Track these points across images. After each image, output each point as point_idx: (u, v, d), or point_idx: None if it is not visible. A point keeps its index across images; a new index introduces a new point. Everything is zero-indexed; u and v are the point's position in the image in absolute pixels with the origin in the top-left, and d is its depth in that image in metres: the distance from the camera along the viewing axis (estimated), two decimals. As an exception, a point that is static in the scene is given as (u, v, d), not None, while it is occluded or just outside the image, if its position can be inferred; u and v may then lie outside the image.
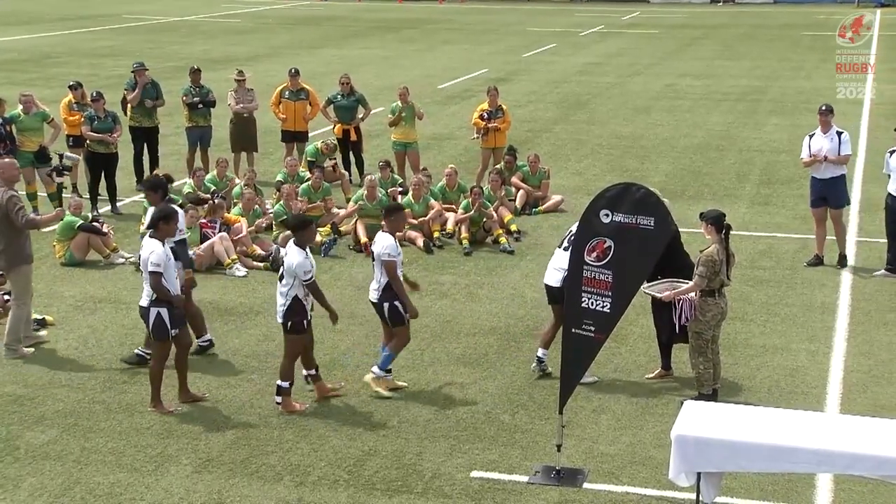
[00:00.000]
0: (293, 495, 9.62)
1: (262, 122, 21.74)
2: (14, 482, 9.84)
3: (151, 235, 11.08)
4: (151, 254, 10.88)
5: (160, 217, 11.17)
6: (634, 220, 9.43)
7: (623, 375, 12.17)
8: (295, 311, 11.12)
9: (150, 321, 11.03)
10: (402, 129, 20.11)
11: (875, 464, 8.24)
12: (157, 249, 10.90)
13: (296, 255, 11.07)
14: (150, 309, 11.00)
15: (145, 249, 10.99)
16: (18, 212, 12.39)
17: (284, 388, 11.27)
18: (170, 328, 11.04)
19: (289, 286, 11.09)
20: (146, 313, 11.06)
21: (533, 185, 19.32)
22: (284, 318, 11.18)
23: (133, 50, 40.27)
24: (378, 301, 11.60)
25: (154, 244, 10.95)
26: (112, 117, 18.86)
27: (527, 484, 9.82)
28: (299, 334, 11.21)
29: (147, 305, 11.03)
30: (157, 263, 10.84)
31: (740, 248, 15.45)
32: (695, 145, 24.63)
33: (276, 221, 17.14)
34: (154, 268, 10.84)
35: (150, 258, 10.86)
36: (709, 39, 46.99)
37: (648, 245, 9.51)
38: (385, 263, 11.39)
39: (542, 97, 31.44)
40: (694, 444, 8.63)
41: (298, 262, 11.00)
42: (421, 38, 47.29)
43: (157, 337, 11.10)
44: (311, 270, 11.09)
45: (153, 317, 10.99)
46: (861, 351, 12.93)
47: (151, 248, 10.92)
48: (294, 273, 11.01)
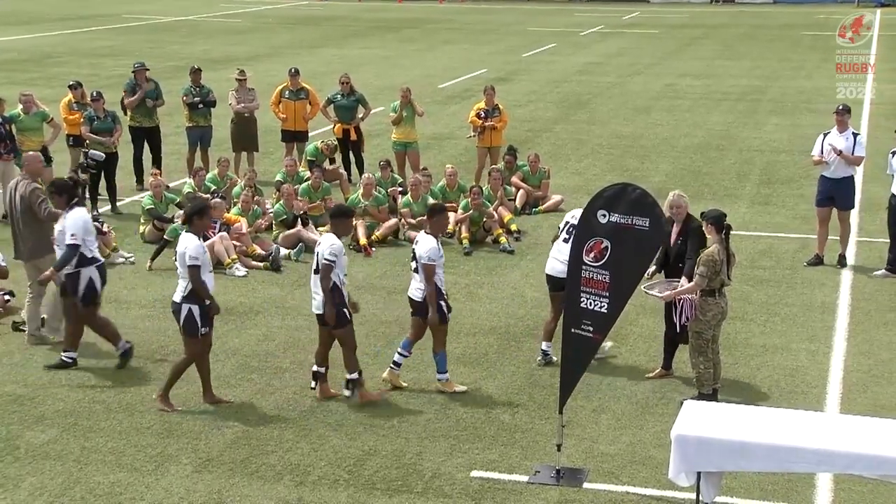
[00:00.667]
0: (293, 495, 9.62)
1: (263, 121, 21.74)
2: (14, 482, 9.84)
3: (187, 231, 11.12)
4: (188, 248, 10.88)
5: (194, 212, 11.20)
6: (630, 221, 9.44)
7: (623, 375, 12.17)
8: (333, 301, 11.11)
9: (182, 317, 11.02)
10: (403, 128, 20.11)
11: (875, 463, 8.24)
12: (195, 244, 10.93)
13: (329, 239, 11.13)
14: (182, 305, 10.99)
15: (181, 244, 11.01)
16: (41, 204, 12.63)
17: (355, 379, 11.32)
18: (200, 325, 11.02)
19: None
20: (178, 309, 11.05)
21: (533, 184, 19.32)
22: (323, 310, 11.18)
23: (133, 50, 40.28)
24: (421, 301, 11.59)
25: (191, 239, 10.97)
26: (112, 117, 18.87)
27: (527, 483, 9.82)
28: (344, 325, 11.21)
29: (179, 301, 11.03)
30: (195, 257, 10.86)
31: (740, 247, 15.45)
32: (695, 145, 24.63)
33: (276, 221, 17.14)
34: (192, 262, 10.85)
35: (188, 252, 10.86)
36: (709, 39, 46.99)
37: (643, 246, 9.52)
38: (425, 267, 11.38)
39: (542, 97, 31.44)
40: (694, 444, 8.63)
41: (333, 244, 11.01)
42: (421, 37, 47.29)
43: (188, 333, 11.09)
44: (336, 254, 11.03)
45: (184, 312, 10.99)
46: (861, 350, 12.93)
47: (188, 243, 10.94)
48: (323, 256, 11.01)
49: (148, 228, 17.17)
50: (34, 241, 12.86)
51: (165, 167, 20.37)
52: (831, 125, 16.35)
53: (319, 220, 17.50)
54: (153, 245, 16.50)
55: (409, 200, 17.44)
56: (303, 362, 12.51)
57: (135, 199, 19.32)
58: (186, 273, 10.90)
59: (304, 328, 13.57)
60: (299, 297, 14.73)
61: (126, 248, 16.62)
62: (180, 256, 10.97)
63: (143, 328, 13.58)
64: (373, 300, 14.55)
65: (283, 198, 17.21)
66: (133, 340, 13.13)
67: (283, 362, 12.51)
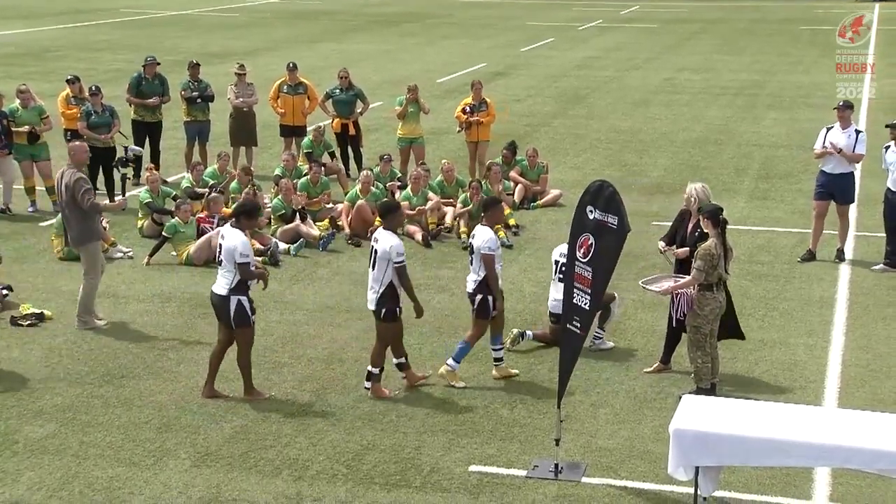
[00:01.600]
0: (292, 489, 9.63)
1: (262, 116, 21.73)
2: (13, 476, 9.84)
3: (233, 226, 11.17)
4: (238, 244, 10.97)
5: (243, 211, 11.30)
6: (605, 218, 9.55)
7: (621, 370, 12.17)
8: (388, 298, 11.21)
9: (232, 309, 11.08)
10: (408, 125, 20.08)
11: (873, 457, 8.26)
12: (243, 239, 11.03)
13: (388, 238, 11.18)
14: (231, 297, 11.06)
15: (228, 240, 11.06)
16: (84, 194, 12.99)
17: (375, 374, 11.43)
18: (250, 314, 11.12)
19: (382, 273, 11.17)
20: (225, 302, 11.10)
21: (531, 179, 19.33)
22: (377, 306, 11.27)
23: (131, 44, 40.23)
24: (472, 292, 11.66)
25: (238, 235, 11.05)
26: (110, 111, 18.83)
27: (525, 478, 9.82)
28: (393, 322, 11.30)
29: (226, 294, 11.08)
30: (246, 254, 10.97)
31: (739, 242, 15.45)
32: (693, 139, 24.64)
33: (275, 216, 17.14)
34: (243, 259, 10.94)
35: (238, 248, 10.95)
36: (707, 34, 46.97)
37: (612, 244, 9.56)
38: (484, 257, 11.43)
39: (540, 91, 31.43)
40: (692, 439, 8.65)
41: (393, 244, 11.09)
42: (420, 32, 47.26)
43: (240, 324, 11.15)
44: (404, 254, 11.16)
45: (234, 305, 11.06)
46: (859, 345, 12.94)
47: (237, 240, 11.01)
48: (388, 257, 11.07)
49: (146, 223, 17.16)
50: (79, 228, 13.23)
51: (163, 162, 20.36)
52: (829, 120, 16.34)
53: (318, 215, 17.51)
54: (151, 240, 16.51)
55: (409, 194, 17.44)
56: (301, 357, 12.52)
57: (133, 194, 19.28)
58: (234, 268, 10.99)
59: (302, 323, 13.59)
60: (298, 292, 14.74)
61: (124, 242, 16.62)
62: (228, 252, 11.03)
63: (142, 323, 13.58)
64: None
65: (282, 192, 17.20)
66: (131, 335, 13.16)
67: (281, 357, 12.52)
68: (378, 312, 11.30)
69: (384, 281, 11.17)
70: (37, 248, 16.61)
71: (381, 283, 11.19)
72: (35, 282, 15.06)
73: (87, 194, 13.00)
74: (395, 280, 11.19)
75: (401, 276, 11.18)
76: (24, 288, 14.63)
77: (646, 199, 19.20)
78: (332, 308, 14.14)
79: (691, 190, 11.92)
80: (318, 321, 13.69)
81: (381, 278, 11.19)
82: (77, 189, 12.97)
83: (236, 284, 11.05)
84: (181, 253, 15.90)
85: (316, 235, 16.71)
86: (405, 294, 11.33)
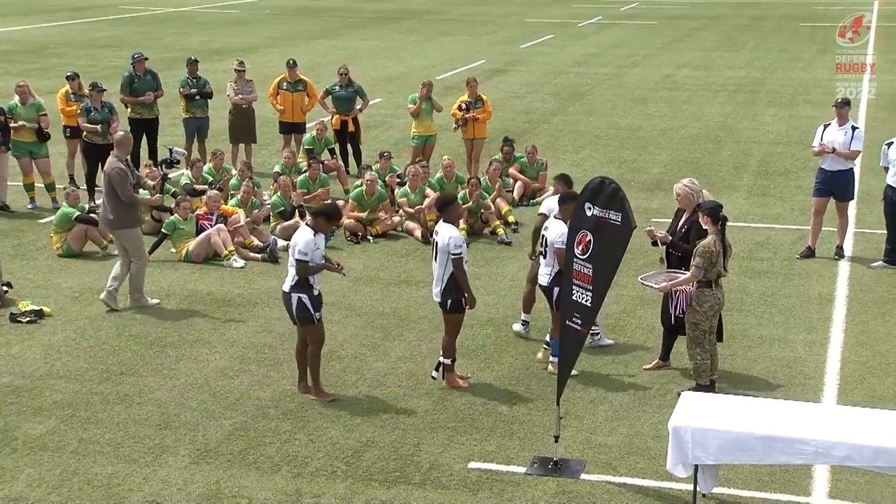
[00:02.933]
0: (291, 486, 9.63)
1: (261, 113, 21.72)
2: (12, 473, 9.84)
3: (308, 224, 11.22)
4: (300, 242, 11.01)
5: (324, 213, 11.33)
6: (607, 215, 9.51)
7: (620, 366, 12.18)
8: (453, 289, 11.29)
9: (293, 306, 11.13)
10: (422, 123, 20.05)
11: (872, 454, 8.26)
12: (307, 238, 11.03)
13: (448, 230, 11.28)
14: (292, 294, 11.10)
15: (295, 237, 11.13)
16: (122, 183, 13.58)
17: (447, 364, 11.54)
18: (313, 311, 11.13)
19: (444, 265, 11.26)
20: (288, 298, 11.16)
21: (530, 176, 19.33)
22: (443, 298, 11.37)
23: (130, 41, 40.19)
24: (549, 285, 11.80)
25: (306, 233, 11.08)
26: (109, 108, 18.81)
27: (524, 475, 9.83)
28: (460, 312, 11.40)
29: (288, 291, 11.13)
30: (305, 252, 10.98)
31: (738, 239, 15.46)
32: (692, 136, 24.63)
33: (274, 213, 17.13)
34: (301, 256, 10.97)
35: (298, 246, 10.99)
36: (707, 30, 46.96)
37: (616, 240, 9.52)
38: (557, 251, 11.52)
39: (539, 88, 31.42)
40: (691, 436, 8.65)
41: (452, 237, 11.19)
42: (419, 28, 47.23)
43: (303, 321, 11.19)
44: (462, 246, 11.20)
45: (295, 302, 11.10)
46: (858, 342, 12.95)
47: (301, 237, 11.06)
48: (447, 249, 11.16)
49: (145, 220, 17.14)
50: (118, 214, 13.74)
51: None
52: (828, 117, 16.33)
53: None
54: (150, 236, 16.48)
55: (408, 191, 17.43)
56: (300, 354, 12.51)
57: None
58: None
59: (301, 320, 13.57)
60: (297, 289, 14.73)
61: (123, 239, 16.59)
62: (291, 247, 11.10)
63: (141, 320, 13.58)
64: (370, 291, 14.55)
65: (281, 189, 17.19)
66: (130, 332, 13.16)
67: (280, 354, 12.51)
68: (444, 304, 11.43)
69: (447, 273, 11.28)
70: (36, 245, 16.61)
71: (444, 274, 11.30)
72: (34, 278, 15.06)
73: (124, 184, 13.57)
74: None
75: (456, 268, 11.26)
76: (23, 285, 14.63)
77: (645, 195, 19.19)
78: (331, 305, 14.09)
79: (681, 188, 11.97)
80: (317, 318, 13.67)
81: (443, 270, 11.30)
82: (116, 180, 13.55)
83: (297, 282, 11.08)
84: (180, 250, 15.90)
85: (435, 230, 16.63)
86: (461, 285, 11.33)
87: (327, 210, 11.54)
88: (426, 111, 19.99)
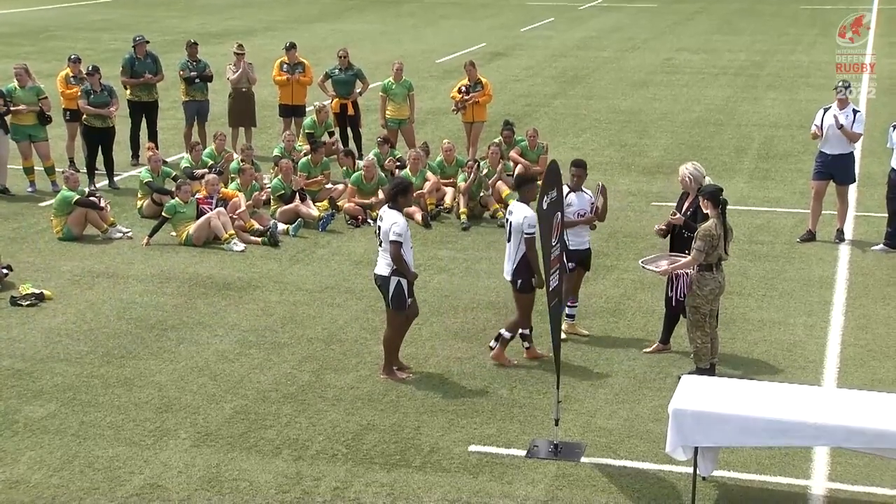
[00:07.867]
0: (291, 469, 9.65)
1: (260, 96, 21.67)
2: (13, 456, 9.86)
3: (391, 207, 11.17)
4: (394, 224, 10.95)
5: (398, 190, 11.26)
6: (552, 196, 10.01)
7: (620, 350, 12.19)
8: (524, 269, 11.33)
9: (391, 290, 11.10)
10: (394, 106, 20.02)
11: (872, 437, 8.28)
12: (400, 221, 11.00)
13: (522, 210, 11.34)
14: (391, 278, 11.06)
15: (386, 220, 11.06)
16: None
17: (505, 337, 11.73)
18: (407, 297, 11.15)
19: (516, 244, 11.30)
20: (386, 282, 11.12)
21: (531, 159, 19.28)
22: (514, 277, 11.43)
23: (130, 24, 40.11)
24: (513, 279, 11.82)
25: (396, 215, 11.04)
26: (108, 91, 18.78)
27: (524, 458, 9.85)
28: (530, 292, 11.45)
29: (388, 274, 11.09)
30: (399, 234, 10.94)
31: (738, 222, 15.45)
32: (693, 120, 24.60)
33: (274, 196, 17.12)
34: (396, 237, 10.92)
35: (393, 228, 10.93)
36: (707, 14, 46.84)
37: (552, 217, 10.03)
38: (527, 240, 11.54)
39: (539, 72, 31.36)
40: (691, 419, 8.66)
41: (527, 216, 11.24)
42: (419, 12, 47.12)
43: (396, 307, 11.17)
44: (536, 226, 11.13)
45: (393, 285, 11.07)
46: (858, 325, 12.96)
47: (394, 220, 11.00)
48: (521, 229, 11.20)
49: (146, 203, 17.15)
50: None
51: (162, 142, 20.32)
52: (828, 100, 16.27)
53: (318, 195, 17.50)
54: (151, 220, 16.49)
55: (408, 174, 17.41)
56: (301, 337, 12.53)
57: (132, 174, 19.29)
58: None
59: (301, 303, 13.59)
60: (297, 273, 14.74)
61: (124, 223, 16.60)
62: (384, 232, 11.03)
63: (141, 303, 13.59)
64: (371, 275, 14.51)
65: (281, 172, 17.18)
66: (131, 315, 13.17)
67: (281, 337, 12.53)
68: (515, 283, 11.47)
69: (519, 252, 11.32)
70: (36, 229, 16.61)
71: (516, 254, 11.34)
72: (35, 262, 15.06)
73: None
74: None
75: (528, 248, 11.29)
76: (23, 268, 14.64)
77: (646, 179, 19.17)
78: (332, 288, 14.14)
79: (684, 171, 11.99)
80: (317, 301, 13.69)
81: (516, 249, 11.34)
82: None
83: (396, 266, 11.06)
84: (181, 233, 15.89)
85: (315, 216, 16.70)
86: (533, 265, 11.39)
87: (400, 186, 11.33)
88: (397, 94, 19.94)
